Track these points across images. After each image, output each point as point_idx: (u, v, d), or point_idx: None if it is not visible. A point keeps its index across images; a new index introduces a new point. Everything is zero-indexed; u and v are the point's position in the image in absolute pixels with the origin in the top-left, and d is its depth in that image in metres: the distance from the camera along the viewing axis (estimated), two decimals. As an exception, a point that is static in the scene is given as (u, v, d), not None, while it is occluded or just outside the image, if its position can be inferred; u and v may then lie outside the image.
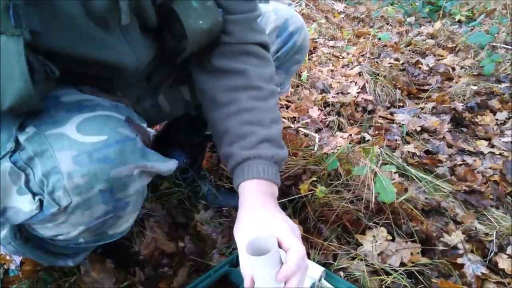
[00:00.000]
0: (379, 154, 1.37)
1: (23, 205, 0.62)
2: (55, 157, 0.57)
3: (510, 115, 2.11)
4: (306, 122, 1.88)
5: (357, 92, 2.23)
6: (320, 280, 0.96)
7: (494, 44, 3.07)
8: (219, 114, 0.82)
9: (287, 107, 2.02)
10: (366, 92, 2.27)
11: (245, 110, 0.80)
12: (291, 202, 1.26)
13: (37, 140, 0.58)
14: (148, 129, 0.70)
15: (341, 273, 1.05)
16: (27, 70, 0.52)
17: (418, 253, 1.13)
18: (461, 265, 1.10)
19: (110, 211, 0.65)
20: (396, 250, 1.11)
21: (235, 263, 0.96)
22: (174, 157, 1.30)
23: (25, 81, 0.53)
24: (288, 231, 0.66)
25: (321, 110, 2.03)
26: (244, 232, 0.69)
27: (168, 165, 0.69)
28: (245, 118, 0.79)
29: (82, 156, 0.58)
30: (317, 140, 1.68)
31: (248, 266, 0.66)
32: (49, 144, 0.58)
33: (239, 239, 0.69)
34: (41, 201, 0.60)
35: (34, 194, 0.60)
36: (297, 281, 0.63)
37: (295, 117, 1.93)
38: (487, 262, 1.14)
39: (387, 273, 1.05)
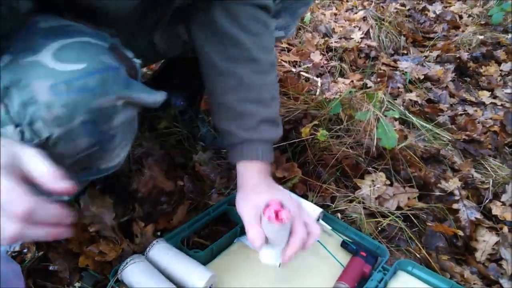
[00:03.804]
0: (382, 100, 1.34)
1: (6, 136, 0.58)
2: (32, 87, 0.53)
3: (515, 66, 2.07)
4: (307, 67, 1.83)
5: (361, 38, 2.16)
6: (318, 220, 0.97)
7: (505, -8, 2.94)
8: (217, 83, 0.82)
9: (288, 51, 1.95)
10: (370, 38, 2.20)
11: (244, 86, 0.80)
12: (291, 145, 1.25)
13: (12, 68, 0.54)
14: (136, 60, 0.65)
15: (339, 215, 1.06)
16: None
17: (415, 198, 1.14)
18: (456, 210, 1.12)
19: (95, 143, 0.62)
20: (394, 195, 1.12)
21: (234, 202, 0.96)
22: (172, 98, 1.27)
23: None
24: (296, 209, 0.72)
25: (323, 54, 1.97)
26: (251, 201, 0.74)
27: (154, 97, 0.64)
28: (244, 95, 0.80)
29: (60, 85, 0.54)
30: (319, 84, 1.65)
31: (258, 231, 0.70)
32: (24, 72, 0.53)
33: (247, 209, 0.74)
34: (22, 132, 0.57)
35: (16, 125, 0.56)
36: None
37: (296, 61, 1.87)
38: (482, 208, 1.16)
39: (384, 216, 1.07)
